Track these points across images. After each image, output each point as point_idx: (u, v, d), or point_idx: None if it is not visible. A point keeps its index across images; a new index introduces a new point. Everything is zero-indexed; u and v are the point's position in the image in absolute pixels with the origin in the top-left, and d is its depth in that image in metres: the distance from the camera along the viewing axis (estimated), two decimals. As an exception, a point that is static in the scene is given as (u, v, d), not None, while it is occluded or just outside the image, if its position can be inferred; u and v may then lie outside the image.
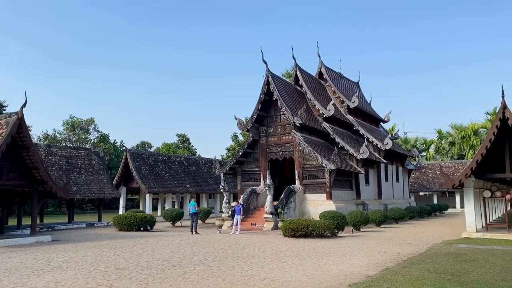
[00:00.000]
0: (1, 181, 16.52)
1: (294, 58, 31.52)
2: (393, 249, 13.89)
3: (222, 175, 28.41)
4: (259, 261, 11.56)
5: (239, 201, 25.05)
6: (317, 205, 24.54)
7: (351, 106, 32.43)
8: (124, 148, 37.86)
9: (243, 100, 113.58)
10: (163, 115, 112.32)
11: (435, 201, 44.16)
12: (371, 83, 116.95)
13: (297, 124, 25.87)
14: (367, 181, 30.08)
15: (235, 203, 25.39)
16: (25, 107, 16.48)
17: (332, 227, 17.90)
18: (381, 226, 23.26)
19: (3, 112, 37.19)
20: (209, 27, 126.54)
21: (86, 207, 51.02)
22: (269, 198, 22.43)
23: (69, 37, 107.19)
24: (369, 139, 30.60)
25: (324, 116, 29.19)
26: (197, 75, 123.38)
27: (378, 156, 30.82)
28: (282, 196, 24.07)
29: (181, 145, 68.20)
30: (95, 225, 27.12)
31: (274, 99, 26.96)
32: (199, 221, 26.71)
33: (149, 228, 22.67)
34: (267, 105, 27.89)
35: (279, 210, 22.88)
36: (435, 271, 9.76)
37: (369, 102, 40.61)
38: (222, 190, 25.26)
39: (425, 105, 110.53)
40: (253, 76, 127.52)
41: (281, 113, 27.16)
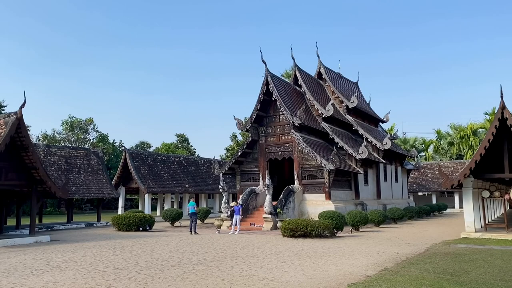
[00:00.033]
0: (0, 181, 16.50)
1: (293, 58, 31.58)
2: (392, 249, 13.90)
3: (221, 175, 28.39)
4: (258, 261, 11.56)
5: (238, 201, 25.05)
6: (316, 205, 24.55)
7: (350, 106, 32.45)
8: (123, 148, 37.82)
9: (242, 100, 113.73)
10: (162, 115, 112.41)
11: (434, 201, 44.21)
12: (370, 83, 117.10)
13: (296, 124, 25.88)
14: (366, 181, 30.10)
15: (234, 203, 25.38)
16: (24, 107, 16.47)
17: (331, 227, 17.91)
18: (380, 226, 23.28)
19: (2, 112, 37.14)
20: (209, 27, 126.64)
21: (85, 207, 50.98)
22: (268, 198, 22.43)
23: (67, 38, 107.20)
24: (368, 139, 30.62)
25: (323, 116, 29.21)
26: (197, 75, 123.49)
27: (377, 156, 30.84)
28: (281, 196, 24.07)
29: (180, 145, 68.15)
30: (94, 225, 27.10)
31: (273, 99, 26.97)
32: (198, 221, 26.72)
33: (148, 228, 22.65)
34: (266, 105, 27.89)
35: (278, 210, 22.89)
36: (434, 271, 9.77)
37: (368, 102, 40.62)
38: (221, 190, 25.25)
39: (424, 105, 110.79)
40: (252, 76, 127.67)
41: (280, 113, 27.17)
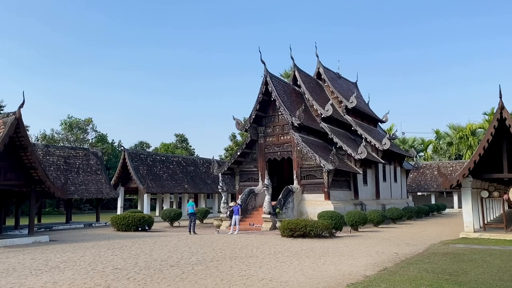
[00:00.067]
0: (-1, 181, 16.50)
1: (292, 58, 31.59)
2: (391, 249, 13.90)
3: (220, 175, 28.38)
4: (257, 261, 11.56)
5: (237, 201, 25.04)
6: (315, 205, 24.56)
7: (349, 106, 32.47)
8: (122, 148, 37.81)
9: (242, 100, 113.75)
10: (161, 115, 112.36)
11: (433, 201, 44.25)
12: (369, 83, 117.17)
13: (295, 124, 25.89)
14: (365, 181, 30.12)
15: (233, 203, 25.37)
16: (23, 107, 16.45)
17: (330, 227, 17.91)
18: (379, 226, 23.29)
19: (1, 112, 37.10)
20: (208, 27, 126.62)
21: (84, 207, 50.92)
22: (267, 198, 22.43)
23: (67, 38, 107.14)
24: (367, 139, 30.63)
25: (322, 116, 29.22)
26: (196, 75, 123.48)
27: (376, 156, 30.86)
28: (280, 196, 24.08)
29: (179, 145, 68.12)
30: (93, 225, 27.08)
31: (272, 99, 26.98)
32: (197, 221, 26.70)
33: (147, 228, 22.64)
34: (265, 105, 27.90)
35: (277, 210, 22.89)
36: (433, 271, 9.77)
37: (367, 102, 40.64)
38: (220, 190, 25.25)
39: (423, 105, 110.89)
40: (251, 76, 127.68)
41: (279, 113, 27.18)
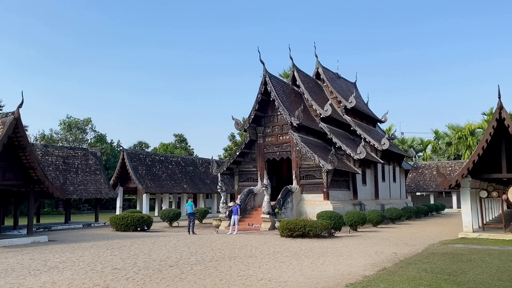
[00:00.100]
0: (-2, 181, 16.47)
1: (291, 58, 31.57)
2: (390, 249, 13.91)
3: (219, 175, 28.37)
4: (256, 261, 11.56)
5: (236, 201, 25.03)
6: (314, 205, 24.56)
7: (348, 106, 32.47)
8: (121, 148, 37.80)
9: (241, 100, 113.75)
10: (160, 115, 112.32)
11: (432, 201, 44.30)
12: (368, 83, 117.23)
13: (294, 124, 25.89)
14: (364, 181, 30.13)
15: (232, 203, 25.33)
16: (21, 107, 16.42)
17: (329, 227, 17.92)
18: (378, 226, 23.30)
19: (0, 112, 37.04)
20: (207, 27, 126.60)
21: (83, 207, 50.90)
22: (266, 198, 22.43)
23: (67, 38, 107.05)
24: (366, 139, 30.64)
25: (321, 116, 29.22)
26: (195, 75, 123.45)
27: (375, 156, 30.87)
28: (279, 196, 24.08)
29: (178, 145, 68.09)
30: (92, 225, 27.05)
31: (271, 99, 26.98)
32: (196, 221, 26.66)
33: (146, 228, 22.63)
34: (264, 105, 27.90)
35: (276, 210, 22.89)
36: (431, 271, 9.78)
37: (366, 102, 40.66)
38: (219, 190, 25.25)
39: (422, 106, 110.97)
40: (251, 76, 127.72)
41: (279, 113, 27.18)
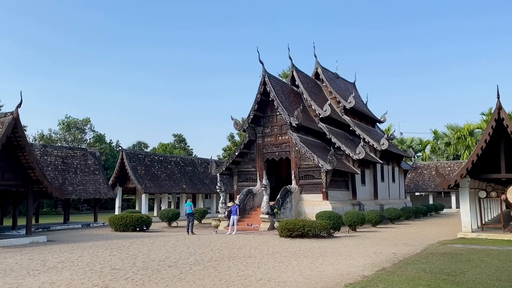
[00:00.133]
0: (-4, 181, 16.45)
1: (290, 58, 31.55)
2: (389, 249, 13.92)
3: (218, 175, 28.38)
4: (255, 261, 11.56)
5: (235, 202, 25.02)
6: (314, 205, 24.56)
7: (348, 106, 32.49)
8: (120, 148, 37.79)
9: (240, 100, 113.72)
10: (159, 115, 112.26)
11: (431, 201, 44.34)
12: (367, 83, 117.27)
13: (294, 124, 25.89)
14: (363, 182, 30.14)
15: (231, 204, 25.32)
16: (20, 107, 16.40)
17: (328, 227, 17.92)
18: (377, 226, 23.31)
19: (-2, 112, 36.94)
20: (206, 27, 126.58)
21: (81, 207, 50.85)
22: (266, 198, 22.43)
23: (65, 38, 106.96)
24: (365, 140, 30.67)
25: (320, 116, 29.23)
26: (194, 75, 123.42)
27: (374, 156, 30.89)
28: (278, 196, 24.08)
29: (177, 145, 68.07)
30: (91, 225, 27.03)
31: (270, 99, 26.98)
32: (195, 222, 26.63)
33: (145, 228, 22.62)
34: (263, 105, 27.91)
35: (276, 210, 22.89)
36: (430, 271, 9.79)
37: (365, 102, 40.70)
38: (218, 190, 25.24)
39: (421, 106, 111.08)
40: (250, 76, 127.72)
41: (278, 113, 27.19)
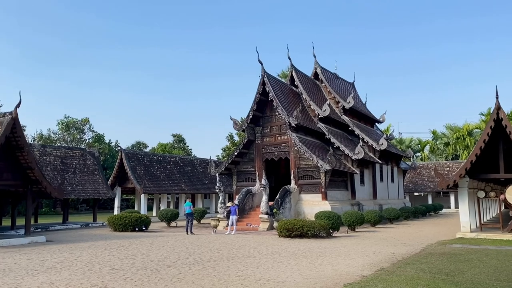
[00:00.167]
0: (-5, 181, 16.43)
1: (289, 58, 31.57)
2: (388, 249, 13.93)
3: (217, 175, 28.38)
4: (254, 261, 11.56)
5: (234, 202, 25.01)
6: (313, 205, 24.57)
7: (347, 106, 32.51)
8: (119, 148, 37.76)
9: (239, 100, 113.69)
10: (158, 115, 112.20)
11: (430, 201, 44.36)
12: (366, 83, 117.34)
13: (293, 124, 25.89)
14: (362, 182, 30.16)
15: (230, 204, 25.33)
16: (19, 107, 16.40)
17: (327, 227, 17.93)
18: (376, 226, 23.33)
19: (-3, 111, 36.88)
20: (205, 28, 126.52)
21: (80, 207, 50.79)
22: (265, 198, 22.43)
23: (63, 38, 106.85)
24: (364, 140, 30.68)
25: (319, 116, 29.24)
26: (193, 75, 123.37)
27: (373, 156, 30.90)
28: (277, 196, 24.08)
29: (176, 145, 68.05)
30: (90, 225, 27.01)
31: (269, 99, 26.98)
32: (195, 222, 26.61)
33: (144, 228, 22.60)
34: (262, 106, 27.90)
35: (275, 210, 22.89)
36: (429, 271, 9.79)
37: (364, 102, 40.73)
38: (217, 190, 25.23)
39: (420, 106, 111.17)
40: (249, 76, 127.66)
41: (277, 113, 27.19)
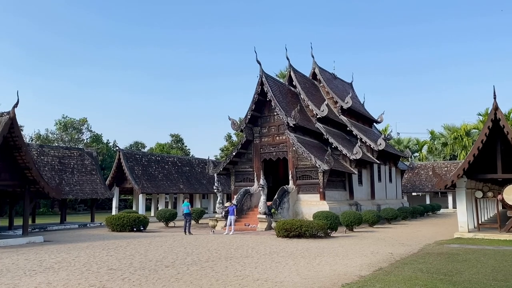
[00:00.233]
0: (-7, 181, 16.39)
1: (288, 58, 31.59)
2: (386, 249, 13.95)
3: (215, 175, 28.37)
4: (252, 261, 11.56)
5: (232, 202, 25.03)
6: (311, 205, 24.58)
7: (345, 106, 32.55)
8: (117, 148, 37.68)
9: (237, 100, 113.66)
10: (156, 115, 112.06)
11: (428, 202, 44.43)
12: (364, 83, 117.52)
13: (291, 124, 25.90)
14: (360, 182, 30.19)
15: (228, 204, 25.37)
16: (17, 106, 16.36)
17: (325, 227, 17.94)
18: (374, 226, 23.36)
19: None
20: (203, 27, 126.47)
21: (78, 207, 50.68)
22: (263, 198, 22.43)
23: (62, 38, 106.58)
24: (362, 140, 30.72)
25: (317, 116, 29.25)
26: (191, 75, 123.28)
27: (371, 156, 30.94)
28: (275, 196, 24.08)
29: (174, 145, 67.99)
30: (88, 225, 26.96)
31: (268, 99, 26.98)
32: (193, 222, 26.64)
33: (142, 228, 22.58)
34: (261, 106, 27.90)
35: (273, 210, 22.89)
36: (427, 271, 9.81)
37: (362, 102, 40.78)
38: (215, 190, 25.22)
39: (418, 106, 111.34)
40: (248, 76, 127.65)
41: (275, 113, 27.19)
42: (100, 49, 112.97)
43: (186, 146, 70.94)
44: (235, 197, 25.74)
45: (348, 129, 31.99)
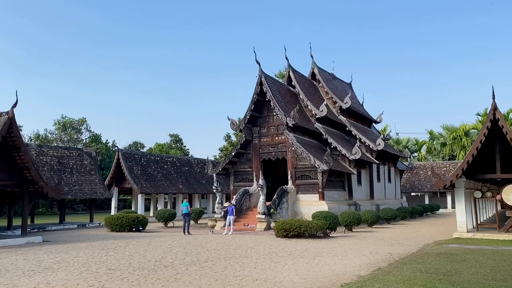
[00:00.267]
0: (-9, 181, 16.37)
1: (287, 58, 31.62)
2: (385, 249, 13.96)
3: (214, 175, 28.35)
4: (251, 261, 11.56)
5: (231, 202, 25.03)
6: (310, 205, 24.59)
7: (344, 106, 32.57)
8: (116, 148, 37.67)
9: (237, 100, 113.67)
10: (155, 115, 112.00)
11: (427, 202, 44.47)
12: (363, 83, 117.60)
13: (290, 124, 25.91)
14: (359, 182, 30.21)
15: (227, 204, 25.35)
16: (16, 106, 16.33)
17: (324, 227, 17.95)
18: (373, 226, 23.37)
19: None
20: (202, 27, 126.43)
21: (77, 207, 50.63)
22: (262, 198, 22.44)
23: (61, 38, 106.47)
24: (362, 140, 30.74)
25: (316, 116, 29.27)
26: (191, 75, 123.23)
27: (370, 156, 30.97)
28: (274, 196, 24.09)
29: (173, 145, 67.98)
30: (87, 225, 26.93)
31: (267, 99, 26.99)
32: (192, 222, 26.65)
33: (141, 228, 22.57)
34: (260, 106, 27.91)
35: (272, 210, 22.90)
36: (426, 271, 9.82)
37: (361, 103, 40.80)
38: (214, 190, 25.20)
39: (417, 106, 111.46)
40: (247, 76, 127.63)
41: (274, 113, 27.19)
42: (100, 49, 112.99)
43: (185, 146, 71.01)
44: (234, 197, 25.74)
45: (347, 129, 32.01)
